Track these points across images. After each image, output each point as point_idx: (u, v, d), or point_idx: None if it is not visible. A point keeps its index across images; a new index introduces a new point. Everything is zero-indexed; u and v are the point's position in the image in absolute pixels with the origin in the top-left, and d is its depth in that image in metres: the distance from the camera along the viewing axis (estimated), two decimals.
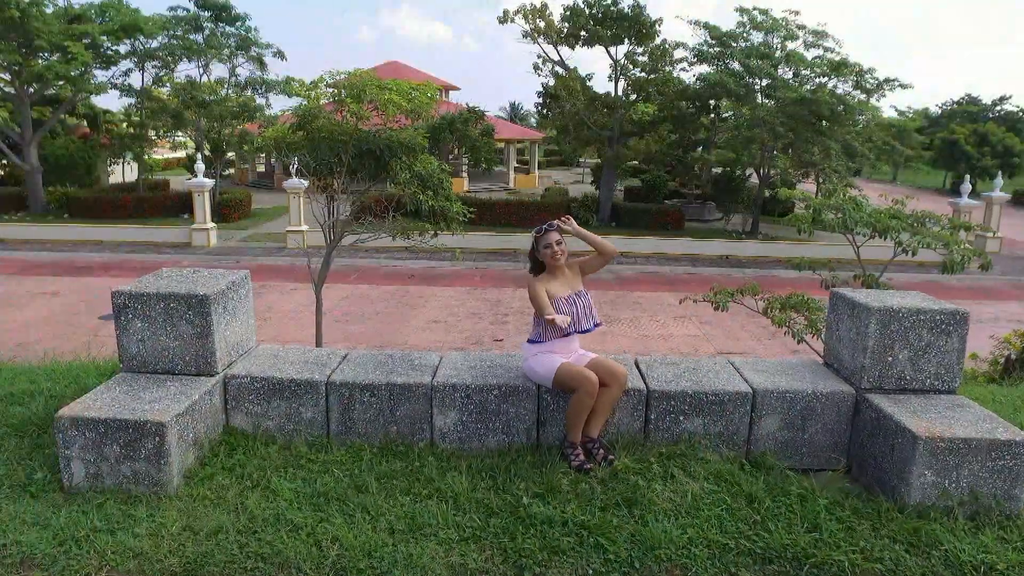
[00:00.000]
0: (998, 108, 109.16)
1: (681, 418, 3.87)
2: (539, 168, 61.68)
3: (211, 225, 28.52)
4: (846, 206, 10.69)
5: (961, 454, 3.33)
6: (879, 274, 11.74)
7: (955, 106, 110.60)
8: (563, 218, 3.94)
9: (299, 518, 3.23)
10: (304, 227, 28.47)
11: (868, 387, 3.85)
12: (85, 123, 45.27)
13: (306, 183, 28.12)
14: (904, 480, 3.39)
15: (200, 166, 28.34)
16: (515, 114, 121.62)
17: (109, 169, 38.45)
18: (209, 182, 28.40)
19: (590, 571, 3.00)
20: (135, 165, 39.37)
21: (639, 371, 4.12)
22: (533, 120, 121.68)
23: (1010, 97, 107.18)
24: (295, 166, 27.51)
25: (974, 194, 34.94)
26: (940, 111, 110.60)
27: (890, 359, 3.81)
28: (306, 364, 4.13)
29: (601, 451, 3.72)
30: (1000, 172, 36.18)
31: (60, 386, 4.56)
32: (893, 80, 30.18)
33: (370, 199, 11.93)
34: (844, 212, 10.55)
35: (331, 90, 11.00)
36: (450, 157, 46.11)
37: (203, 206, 28.13)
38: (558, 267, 3.87)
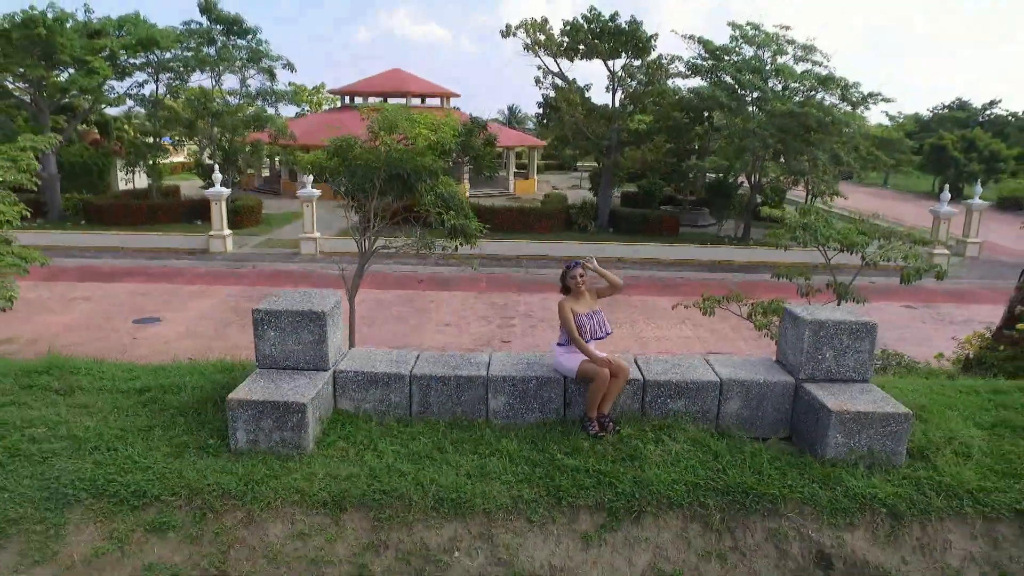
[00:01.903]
0: (988, 112, 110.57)
1: (668, 400, 5.32)
2: (538, 172, 62.83)
3: (227, 232, 29.91)
4: (817, 224, 12.17)
5: (862, 423, 4.79)
6: (850, 280, 13.23)
7: (945, 110, 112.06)
8: (587, 259, 5.41)
9: (404, 468, 4.67)
10: (317, 234, 29.88)
11: (804, 378, 5.30)
12: (95, 130, 46.59)
13: (318, 192, 29.61)
14: (822, 441, 4.85)
15: (217, 176, 29.71)
16: (513, 117, 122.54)
17: (124, 177, 39.67)
18: (226, 191, 29.80)
19: (605, 500, 4.46)
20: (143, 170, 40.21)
21: (638, 366, 5.56)
22: (531, 123, 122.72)
23: (999, 101, 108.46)
24: (309, 179, 28.83)
25: (961, 199, 36.45)
26: (931, 115, 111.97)
27: (820, 357, 5.26)
28: (392, 362, 5.57)
29: (611, 424, 5.17)
30: (979, 181, 37.73)
31: (196, 380, 5.98)
32: (877, 94, 31.77)
33: (396, 211, 13.32)
34: (815, 229, 12.02)
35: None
36: (451, 164, 47.27)
37: (220, 214, 29.52)
38: (580, 292, 5.33)
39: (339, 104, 61.89)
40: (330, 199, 34.68)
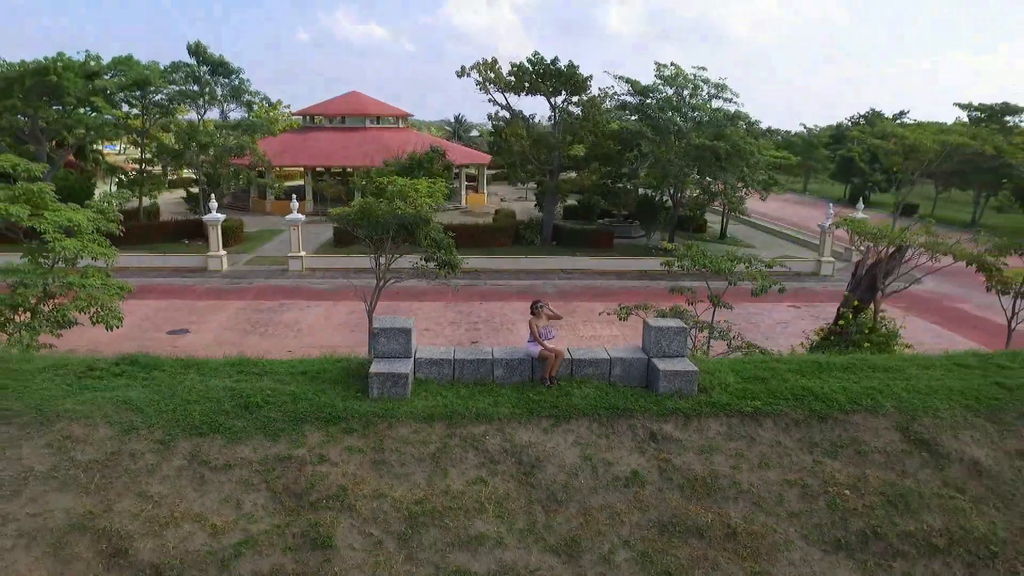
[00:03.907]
0: (898, 121, 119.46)
1: (584, 368, 10.52)
2: (487, 183, 67.59)
3: (223, 252, 34.28)
4: (696, 256, 17.59)
5: (676, 375, 10.07)
6: (722, 291, 18.59)
7: (862, 119, 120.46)
8: (545, 302, 10.55)
9: (457, 402, 9.78)
10: (303, 253, 34.45)
11: (652, 356, 10.55)
12: (71, 154, 49.83)
13: (303, 217, 34.19)
14: (657, 385, 10.12)
15: (213, 204, 34.04)
16: (459, 127, 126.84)
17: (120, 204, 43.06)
18: (221, 216, 34.14)
19: (553, 413, 9.66)
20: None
21: (569, 352, 10.74)
22: (476, 131, 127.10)
23: (908, 112, 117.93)
24: (296, 205, 33.22)
25: (867, 205, 42.87)
26: (850, 124, 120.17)
27: (659, 345, 10.52)
28: (442, 352, 10.65)
29: (555, 380, 10.34)
30: (861, 199, 44.19)
31: (330, 366, 10.93)
32: (776, 130, 38.09)
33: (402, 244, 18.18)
34: (694, 260, 17.45)
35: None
36: None
37: (217, 237, 33.88)
38: (541, 316, 10.48)
39: (300, 120, 65.81)
40: (306, 214, 39.16)
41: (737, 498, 9.10)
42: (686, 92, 39.27)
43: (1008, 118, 63.84)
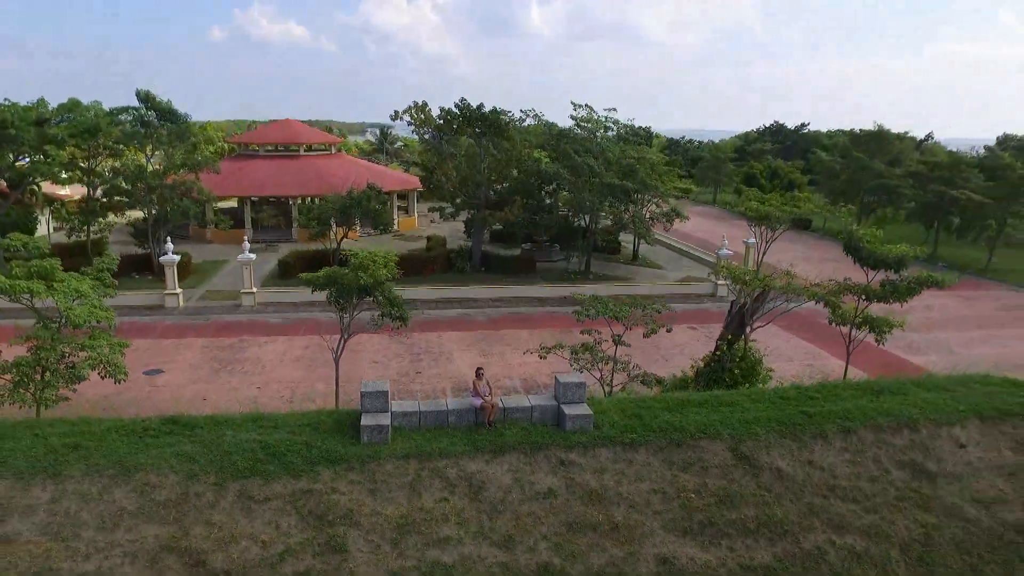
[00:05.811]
0: (801, 132, 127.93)
1: (514, 414, 14.69)
2: (417, 200, 70.87)
3: (179, 290, 37.06)
4: (597, 304, 22.01)
5: (578, 417, 14.34)
6: (622, 334, 23.00)
7: (767, 131, 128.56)
8: (484, 370, 14.67)
9: (424, 443, 13.82)
10: (254, 289, 37.58)
11: (561, 402, 14.80)
12: (3, 183, 51.11)
13: (255, 256, 37.33)
14: (564, 424, 14.39)
15: (169, 246, 36.82)
16: (385, 139, 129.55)
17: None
18: (177, 258, 36.91)
19: (491, 448, 13.81)
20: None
21: (502, 401, 14.88)
22: (401, 142, 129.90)
23: (808, 124, 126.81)
24: (247, 245, 36.24)
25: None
26: (758, 135, 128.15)
27: (566, 395, 14.78)
28: (411, 406, 14.65)
29: (493, 423, 14.47)
30: (752, 227, 49.69)
31: (326, 417, 14.76)
32: (673, 169, 43.17)
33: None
34: (596, 307, 21.86)
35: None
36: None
37: (173, 276, 36.67)
38: (481, 379, 14.60)
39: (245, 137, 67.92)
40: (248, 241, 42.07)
41: (619, 503, 13.43)
42: (598, 133, 44.01)
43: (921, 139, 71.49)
